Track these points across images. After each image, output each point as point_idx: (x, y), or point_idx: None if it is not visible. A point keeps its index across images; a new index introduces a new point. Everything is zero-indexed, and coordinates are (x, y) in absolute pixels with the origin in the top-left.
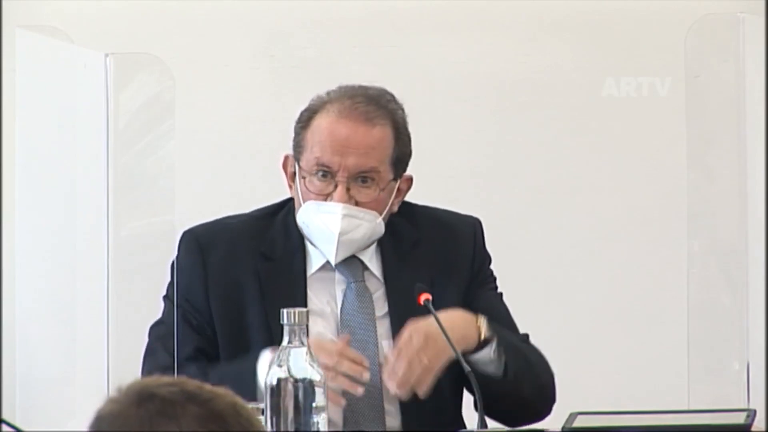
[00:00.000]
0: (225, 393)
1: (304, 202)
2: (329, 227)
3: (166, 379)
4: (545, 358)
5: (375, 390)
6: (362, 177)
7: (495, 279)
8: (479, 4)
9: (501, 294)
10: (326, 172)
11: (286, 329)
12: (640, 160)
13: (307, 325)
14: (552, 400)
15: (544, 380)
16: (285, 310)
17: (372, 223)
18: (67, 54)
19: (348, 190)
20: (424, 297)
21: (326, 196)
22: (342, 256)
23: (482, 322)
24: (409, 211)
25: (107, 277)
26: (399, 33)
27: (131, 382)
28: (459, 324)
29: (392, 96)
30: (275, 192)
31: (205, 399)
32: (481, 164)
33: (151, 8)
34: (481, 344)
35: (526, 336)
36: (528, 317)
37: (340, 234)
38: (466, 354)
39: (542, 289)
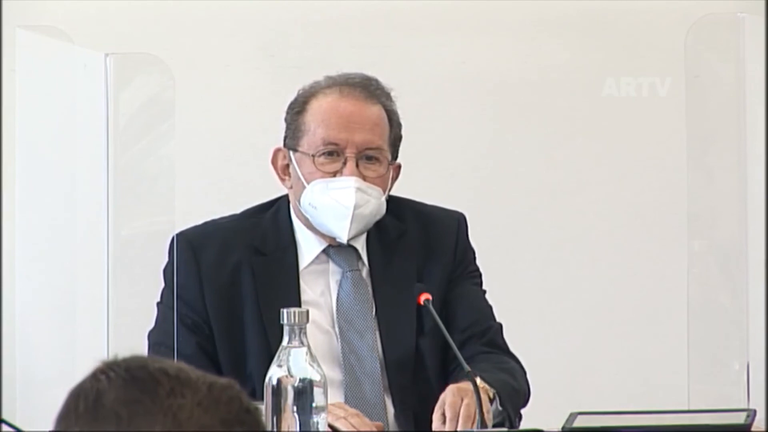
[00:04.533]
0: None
1: (308, 183)
2: (342, 202)
3: (161, 360)
4: (522, 370)
5: (375, 381)
6: (368, 155)
7: (480, 274)
8: (479, 4)
9: (484, 290)
10: (333, 151)
11: (285, 329)
12: (640, 160)
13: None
14: (528, 400)
15: (526, 395)
16: (285, 310)
17: (378, 201)
18: (67, 54)
19: (356, 166)
20: (425, 297)
21: (334, 174)
22: (354, 231)
23: (478, 380)
24: (394, 204)
25: (107, 277)
26: (399, 33)
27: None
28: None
29: (377, 81)
30: (275, 192)
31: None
32: (481, 164)
33: (151, 8)
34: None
35: (500, 327)
36: (528, 317)
37: (355, 207)
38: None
39: (542, 289)
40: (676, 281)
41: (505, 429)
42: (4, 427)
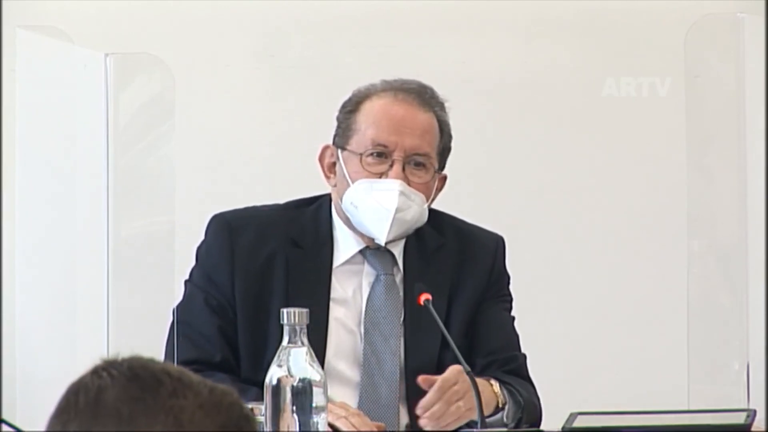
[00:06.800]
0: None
1: (353, 182)
2: (384, 204)
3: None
4: (537, 396)
5: (392, 386)
6: (415, 160)
7: (511, 299)
8: (479, 4)
9: (513, 316)
10: (381, 153)
11: (286, 329)
12: (640, 160)
13: (324, 323)
14: (539, 424)
15: (537, 417)
16: (285, 310)
17: (420, 207)
18: (67, 54)
19: (402, 170)
20: (424, 297)
21: (380, 176)
22: (393, 234)
23: (497, 387)
24: (435, 217)
25: (107, 277)
26: (399, 33)
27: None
28: (483, 391)
29: (433, 90)
30: (275, 191)
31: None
32: (481, 164)
33: (151, 8)
34: (498, 409)
35: (524, 357)
36: (528, 317)
37: (397, 210)
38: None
39: (542, 289)
40: (676, 281)
41: (505, 429)
42: (4, 427)
